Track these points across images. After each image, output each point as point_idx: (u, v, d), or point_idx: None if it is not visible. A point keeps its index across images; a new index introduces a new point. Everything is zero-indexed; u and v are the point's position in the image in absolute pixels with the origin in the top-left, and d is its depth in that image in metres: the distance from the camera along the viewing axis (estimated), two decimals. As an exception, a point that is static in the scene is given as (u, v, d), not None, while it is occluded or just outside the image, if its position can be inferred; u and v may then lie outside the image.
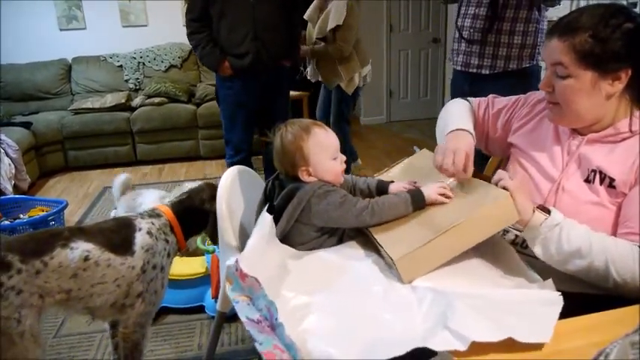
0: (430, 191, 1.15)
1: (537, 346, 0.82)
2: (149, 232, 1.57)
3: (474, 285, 0.99)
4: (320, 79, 3.78)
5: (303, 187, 1.18)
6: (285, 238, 1.17)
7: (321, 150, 1.22)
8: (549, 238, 1.03)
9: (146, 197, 2.76)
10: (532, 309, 0.90)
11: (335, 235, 1.21)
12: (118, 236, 1.54)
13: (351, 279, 1.04)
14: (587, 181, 1.11)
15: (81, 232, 1.52)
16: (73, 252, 1.44)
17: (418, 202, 1.14)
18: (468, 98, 1.51)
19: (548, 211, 1.05)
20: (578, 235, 1.02)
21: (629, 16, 1.05)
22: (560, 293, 0.93)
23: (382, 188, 1.30)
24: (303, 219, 1.18)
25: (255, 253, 1.05)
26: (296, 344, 0.80)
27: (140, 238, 1.54)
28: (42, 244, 1.45)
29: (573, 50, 1.05)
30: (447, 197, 1.13)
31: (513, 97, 1.42)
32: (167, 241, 1.61)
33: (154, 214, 1.65)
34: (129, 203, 2.76)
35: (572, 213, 1.09)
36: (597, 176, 1.10)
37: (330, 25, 3.46)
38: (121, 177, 2.90)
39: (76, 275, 1.44)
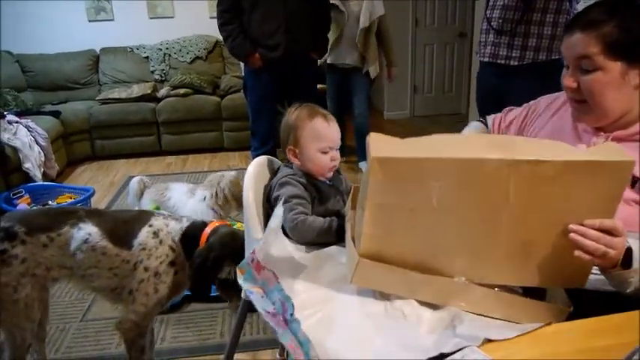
0: None
1: (568, 344, 0.81)
2: (155, 233, 1.53)
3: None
4: (354, 63, 3.81)
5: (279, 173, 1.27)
6: None
7: (313, 138, 1.25)
8: None
9: (174, 191, 2.77)
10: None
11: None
12: (124, 227, 1.54)
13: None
14: None
15: (96, 215, 1.57)
16: (78, 232, 1.51)
17: (342, 233, 1.07)
18: (486, 117, 1.48)
19: None
20: None
21: None
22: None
23: None
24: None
25: (271, 244, 1.03)
26: (311, 342, 0.78)
27: (143, 236, 1.52)
28: (53, 220, 1.53)
29: (602, 41, 1.03)
30: None
31: (523, 106, 1.39)
32: (172, 249, 1.54)
33: (179, 217, 1.61)
34: (157, 198, 2.76)
35: None
36: None
37: (379, 12, 3.75)
38: (135, 180, 2.89)
39: (74, 255, 1.51)
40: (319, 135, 1.25)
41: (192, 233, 1.54)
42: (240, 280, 0.97)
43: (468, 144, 0.86)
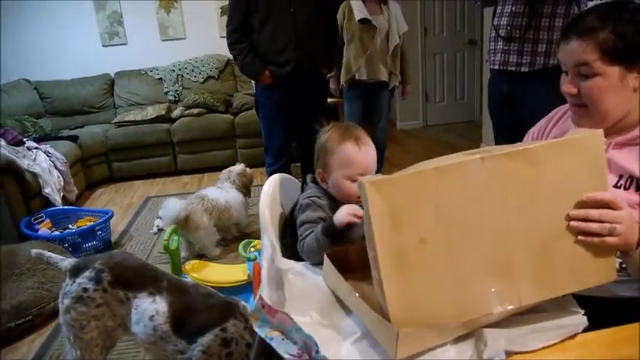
0: (340, 214, 1.08)
1: (595, 353, 0.80)
2: (225, 340, 1.34)
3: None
4: (384, 79, 3.75)
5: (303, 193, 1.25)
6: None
7: (341, 164, 1.19)
8: None
9: (212, 195, 3.06)
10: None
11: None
12: (195, 318, 1.40)
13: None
14: (617, 186, 1.08)
15: (178, 291, 1.46)
16: (151, 305, 1.42)
17: (329, 231, 1.09)
18: None
19: None
20: None
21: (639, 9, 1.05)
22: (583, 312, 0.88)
23: None
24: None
25: (274, 282, 0.99)
26: None
27: (208, 338, 1.35)
28: (137, 280, 1.46)
29: (599, 48, 1.04)
30: (358, 216, 1.06)
31: (542, 120, 1.38)
32: None
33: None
34: (205, 207, 2.96)
35: None
36: (629, 181, 1.06)
37: (404, 29, 3.75)
38: (171, 202, 2.92)
39: (138, 324, 1.44)
40: (347, 161, 1.19)
41: None
42: (255, 328, 0.91)
43: (449, 157, 0.85)
